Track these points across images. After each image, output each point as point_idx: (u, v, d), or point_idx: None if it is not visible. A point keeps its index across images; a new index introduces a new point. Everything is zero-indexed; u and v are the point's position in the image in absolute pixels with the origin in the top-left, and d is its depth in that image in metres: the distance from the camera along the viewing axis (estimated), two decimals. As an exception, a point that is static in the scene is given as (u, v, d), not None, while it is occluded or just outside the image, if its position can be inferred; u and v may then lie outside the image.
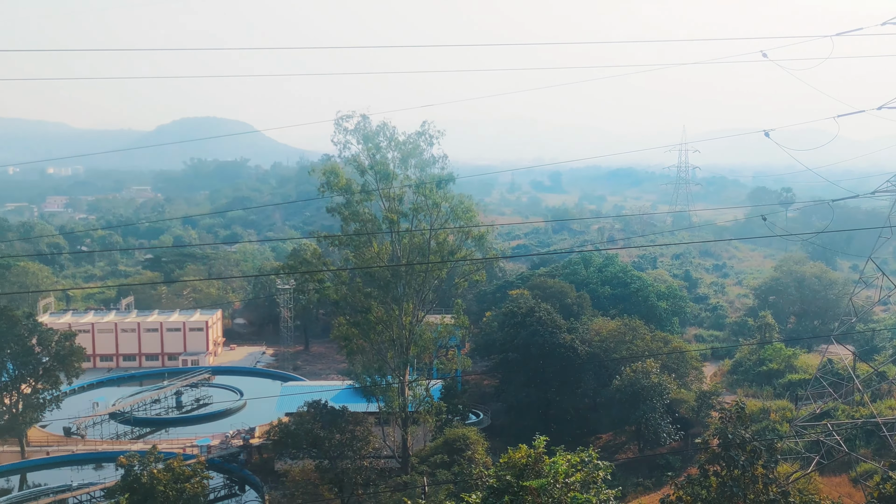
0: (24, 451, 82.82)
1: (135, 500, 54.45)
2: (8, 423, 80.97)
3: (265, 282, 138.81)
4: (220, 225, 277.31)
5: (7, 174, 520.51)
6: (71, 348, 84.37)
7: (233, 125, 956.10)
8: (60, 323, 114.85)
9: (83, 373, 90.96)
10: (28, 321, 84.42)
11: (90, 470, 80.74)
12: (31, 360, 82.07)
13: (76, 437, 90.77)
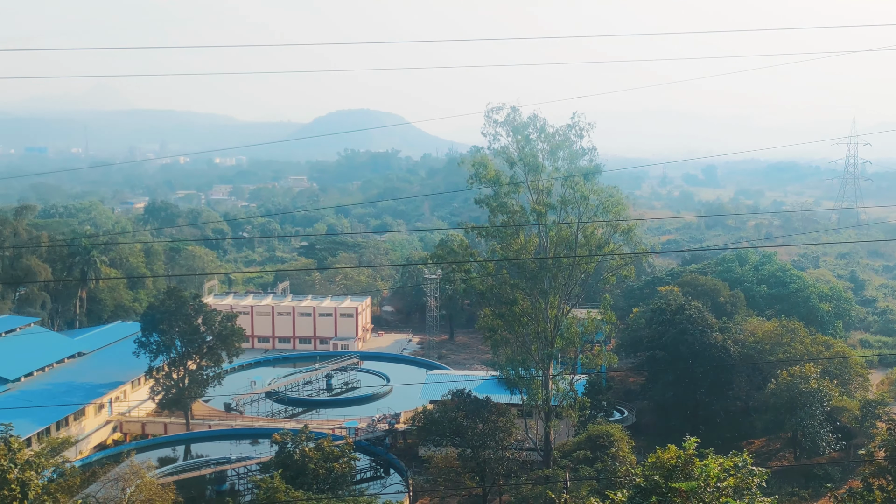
0: (189, 423, 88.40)
1: (287, 475, 56.96)
2: (175, 397, 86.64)
3: (413, 271, 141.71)
4: (371, 214, 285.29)
5: (179, 164, 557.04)
6: (232, 329, 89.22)
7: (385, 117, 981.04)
8: (223, 305, 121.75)
9: (242, 353, 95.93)
10: (195, 302, 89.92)
11: (247, 445, 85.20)
12: (197, 339, 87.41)
13: (235, 412, 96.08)
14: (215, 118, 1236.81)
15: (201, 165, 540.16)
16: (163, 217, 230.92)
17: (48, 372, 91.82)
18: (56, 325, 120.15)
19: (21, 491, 35.92)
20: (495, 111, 66.34)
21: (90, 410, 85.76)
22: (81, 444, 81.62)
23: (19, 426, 43.72)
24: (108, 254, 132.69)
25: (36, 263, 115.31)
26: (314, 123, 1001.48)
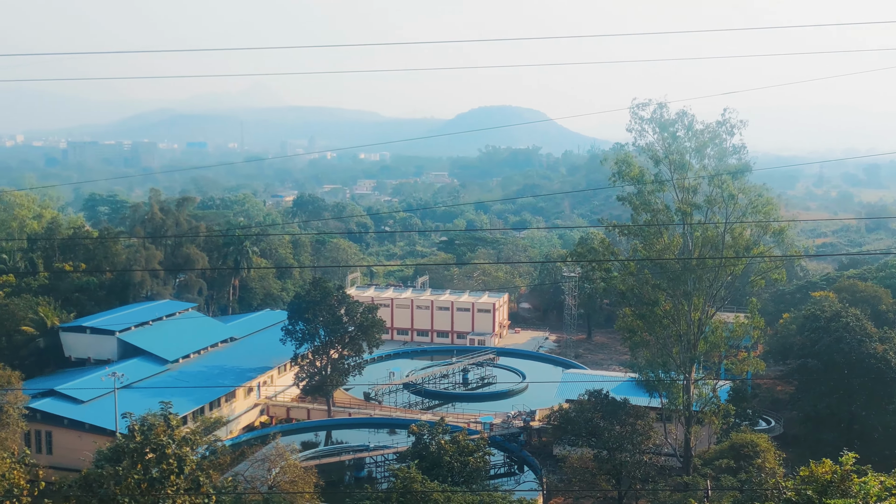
0: (330, 410, 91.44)
1: (423, 466, 57.84)
2: (318, 384, 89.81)
3: (551, 268, 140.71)
4: (511, 211, 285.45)
5: (326, 159, 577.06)
6: (373, 320, 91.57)
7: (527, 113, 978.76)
8: (365, 296, 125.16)
9: (382, 344, 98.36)
10: (338, 293, 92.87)
11: (385, 434, 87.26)
12: (340, 329, 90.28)
13: (374, 402, 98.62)
14: (361, 115, 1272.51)
15: (347, 161, 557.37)
16: (310, 210, 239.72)
17: (203, 355, 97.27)
18: (211, 311, 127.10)
19: (178, 465, 38.22)
20: (641, 107, 64.73)
21: (240, 393, 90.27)
22: (231, 424, 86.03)
23: (177, 405, 46.54)
24: (260, 244, 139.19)
25: (194, 252, 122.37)
26: (456, 120, 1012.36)
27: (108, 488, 36.78)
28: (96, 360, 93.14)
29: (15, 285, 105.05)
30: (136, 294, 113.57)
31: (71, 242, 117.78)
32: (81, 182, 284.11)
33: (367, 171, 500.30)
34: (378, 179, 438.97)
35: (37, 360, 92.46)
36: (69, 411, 75.96)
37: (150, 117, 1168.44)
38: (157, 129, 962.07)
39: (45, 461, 69.17)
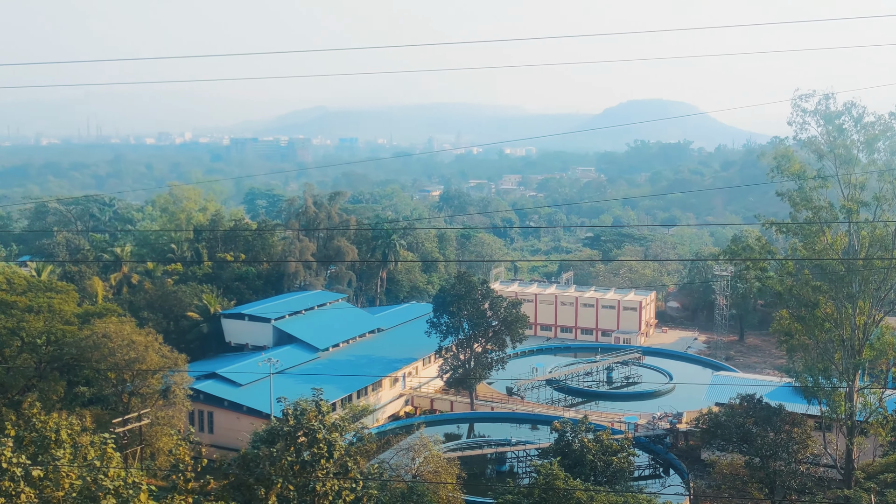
0: (473, 403, 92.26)
1: (566, 463, 57.36)
2: (461, 377, 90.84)
3: (701, 267, 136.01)
4: (659, 207, 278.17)
5: (472, 154, 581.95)
6: (516, 315, 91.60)
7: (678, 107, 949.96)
8: (508, 291, 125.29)
9: (525, 339, 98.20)
10: (482, 287, 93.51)
11: (527, 429, 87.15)
12: (483, 323, 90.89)
13: (516, 397, 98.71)
14: (506, 110, 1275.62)
15: (492, 155, 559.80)
16: (456, 205, 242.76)
17: (351, 344, 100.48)
18: (359, 302, 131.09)
19: (328, 450, 39.67)
20: (804, 98, 61.26)
21: (386, 383, 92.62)
22: (378, 413, 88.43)
23: (327, 392, 48.27)
24: (407, 238, 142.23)
25: (345, 245, 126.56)
26: (604, 114, 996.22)
27: (263, 468, 38.67)
28: (253, 346, 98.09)
29: (182, 273, 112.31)
30: (290, 284, 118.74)
31: (232, 234, 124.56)
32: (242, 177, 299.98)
33: (512, 166, 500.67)
34: (523, 175, 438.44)
35: (200, 345, 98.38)
36: (229, 393, 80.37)
37: (305, 114, 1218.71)
38: (312, 125, 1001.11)
39: (207, 440, 73.55)
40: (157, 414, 66.57)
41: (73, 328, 70.60)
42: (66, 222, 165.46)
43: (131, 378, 66.67)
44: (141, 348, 66.29)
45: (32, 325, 68.73)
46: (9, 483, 31.00)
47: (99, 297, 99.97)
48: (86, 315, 75.17)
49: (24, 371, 69.11)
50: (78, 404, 70.47)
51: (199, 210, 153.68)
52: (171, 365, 68.71)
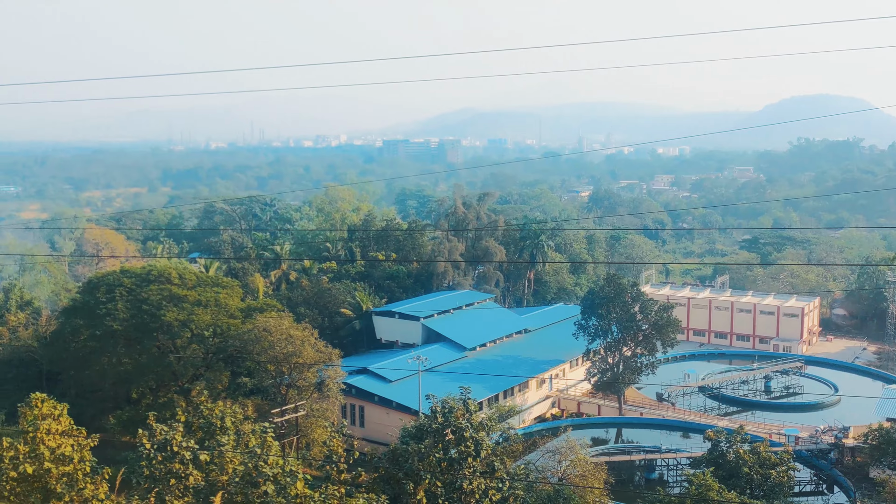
0: (621, 408, 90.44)
1: (719, 474, 55.26)
2: (609, 381, 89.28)
3: (872, 272, 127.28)
4: (825, 208, 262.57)
5: (623, 154, 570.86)
6: (668, 319, 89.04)
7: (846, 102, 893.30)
8: (659, 294, 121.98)
9: (677, 344, 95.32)
10: (632, 290, 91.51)
11: (677, 437, 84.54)
12: (633, 326, 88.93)
13: (667, 403, 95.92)
14: (659, 108, 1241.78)
15: (643, 155, 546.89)
16: (605, 205, 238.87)
17: (498, 344, 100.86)
18: (507, 303, 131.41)
19: (475, 448, 40.01)
20: None
21: (532, 384, 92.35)
22: (524, 414, 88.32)
23: (474, 391, 48.66)
24: (555, 239, 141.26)
25: (493, 245, 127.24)
26: (763, 111, 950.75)
27: (412, 464, 39.45)
28: (403, 344, 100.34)
29: (336, 271, 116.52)
30: (439, 283, 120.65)
31: (384, 234, 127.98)
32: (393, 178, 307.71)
33: (664, 166, 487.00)
34: (676, 175, 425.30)
35: (352, 340, 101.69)
36: (379, 389, 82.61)
37: (455, 116, 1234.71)
38: (462, 127, 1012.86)
39: (358, 433, 75.99)
40: (313, 406, 69.33)
41: (237, 322, 74.75)
42: (232, 221, 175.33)
43: (289, 371, 69.78)
44: (298, 342, 69.26)
45: (201, 318, 73.29)
46: (179, 465, 33.15)
47: (260, 293, 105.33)
48: (248, 310, 79.36)
49: (193, 361, 73.85)
50: (240, 394, 74.55)
51: (353, 210, 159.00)
52: (326, 359, 71.37)
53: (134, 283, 76.82)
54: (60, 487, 27.47)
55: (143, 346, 73.71)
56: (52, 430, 28.92)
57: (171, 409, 54.11)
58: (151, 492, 32.12)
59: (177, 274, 79.68)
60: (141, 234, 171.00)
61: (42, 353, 79.98)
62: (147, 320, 72.93)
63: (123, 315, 72.79)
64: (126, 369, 73.20)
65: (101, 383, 74.18)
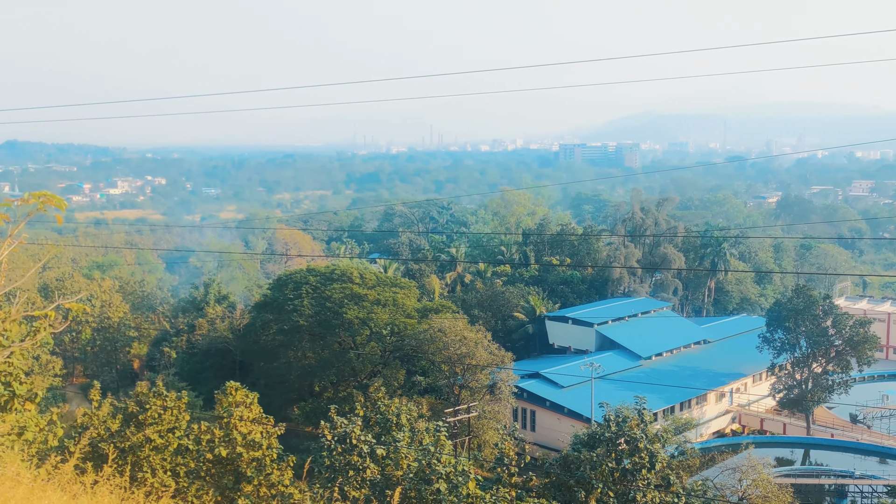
0: (809, 428, 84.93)
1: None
2: (796, 398, 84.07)
3: None
4: None
5: (816, 158, 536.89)
6: (864, 335, 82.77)
7: None
8: (855, 308, 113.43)
9: (875, 362, 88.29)
10: (824, 302, 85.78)
11: (873, 462, 78.24)
12: (824, 341, 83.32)
13: (861, 425, 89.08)
14: (857, 108, 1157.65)
15: (839, 159, 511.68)
16: (795, 212, 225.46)
17: (675, 354, 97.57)
18: (684, 312, 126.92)
19: (649, 460, 38.87)
20: None
21: (711, 397, 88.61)
22: (701, 427, 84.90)
23: (649, 401, 47.30)
24: (738, 247, 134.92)
25: (672, 252, 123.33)
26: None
27: (584, 472, 38.88)
28: (576, 350, 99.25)
29: (510, 275, 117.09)
30: (613, 289, 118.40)
31: (558, 238, 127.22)
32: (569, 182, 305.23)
33: (863, 170, 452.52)
34: (877, 180, 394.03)
35: (525, 344, 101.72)
36: (551, 394, 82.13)
37: (634, 119, 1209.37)
38: (640, 130, 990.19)
39: (529, 437, 75.94)
40: (485, 408, 69.98)
41: (413, 321, 76.78)
42: (410, 224, 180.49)
43: (462, 371, 70.81)
44: (472, 344, 70.16)
45: (379, 317, 75.90)
46: (357, 458, 34.40)
47: (436, 294, 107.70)
48: (424, 310, 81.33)
49: (371, 358, 76.54)
50: (415, 392, 76.47)
51: (528, 214, 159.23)
52: (499, 362, 71.85)
53: (318, 281, 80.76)
54: (250, 471, 29.21)
55: (326, 341, 77.24)
56: (244, 417, 30.81)
57: (351, 403, 56.36)
58: (331, 481, 33.55)
59: (358, 273, 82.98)
60: (325, 234, 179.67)
61: (236, 344, 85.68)
62: (330, 317, 76.44)
63: (308, 311, 76.69)
64: (309, 363, 77.00)
65: (286, 375, 78.43)
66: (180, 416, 32.30)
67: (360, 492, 33.32)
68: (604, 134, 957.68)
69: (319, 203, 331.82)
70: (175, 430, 31.61)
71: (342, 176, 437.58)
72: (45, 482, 10.37)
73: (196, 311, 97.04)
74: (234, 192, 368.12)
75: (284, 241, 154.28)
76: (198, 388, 73.31)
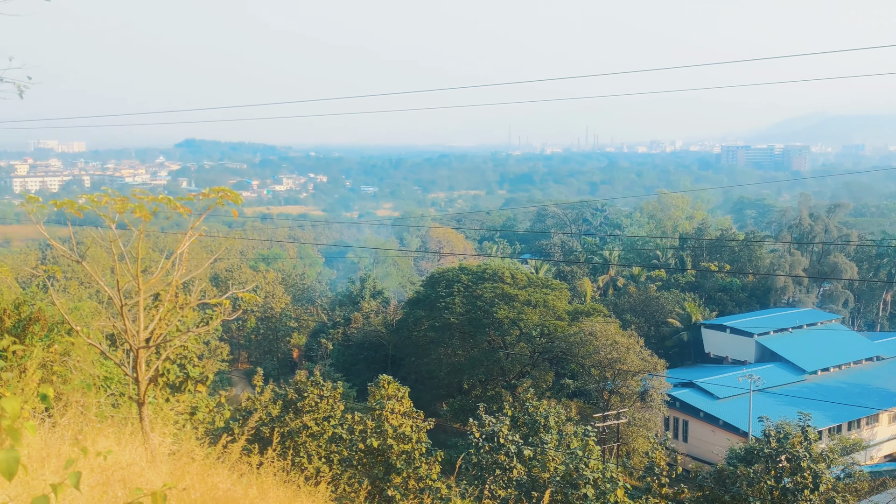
0: None
1: None
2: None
3: None
4: None
5: None
6: None
7: None
8: None
9: None
10: None
11: None
12: None
13: None
14: None
15: None
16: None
17: (843, 370, 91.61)
18: (855, 325, 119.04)
19: (812, 481, 36.70)
20: None
21: (884, 418, 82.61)
22: (871, 450, 79.31)
23: (814, 418, 44.67)
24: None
25: (843, 261, 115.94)
26: None
27: (740, 487, 37.23)
28: (733, 360, 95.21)
29: (665, 280, 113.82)
30: (776, 299, 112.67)
31: (717, 243, 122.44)
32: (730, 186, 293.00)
33: None
34: None
35: (678, 352, 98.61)
36: (705, 405, 79.17)
37: (803, 121, 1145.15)
38: (810, 132, 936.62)
39: (681, 448, 73.53)
40: (635, 415, 68.42)
41: (564, 324, 76.10)
42: (562, 225, 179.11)
43: (612, 376, 69.54)
44: (623, 349, 68.76)
45: (529, 318, 75.75)
46: (504, 458, 34.50)
47: (587, 297, 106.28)
48: (575, 313, 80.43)
49: (520, 358, 76.53)
50: (563, 395, 75.85)
51: (686, 218, 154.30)
52: (651, 368, 70.04)
53: (470, 279, 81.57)
54: (400, 463, 29.92)
55: (476, 340, 77.91)
56: (396, 410, 31.59)
57: (499, 402, 56.60)
58: (477, 479, 33.82)
59: (509, 273, 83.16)
60: (478, 233, 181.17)
61: (388, 338, 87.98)
62: (480, 316, 77.03)
63: (459, 309, 77.62)
64: (459, 360, 77.92)
65: (436, 371, 79.73)
66: (335, 406, 33.54)
67: (506, 491, 33.39)
68: (770, 136, 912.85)
69: (472, 202, 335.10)
70: (330, 418, 32.86)
71: (495, 176, 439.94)
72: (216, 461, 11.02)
73: (352, 304, 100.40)
74: (391, 191, 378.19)
75: (438, 239, 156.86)
76: (351, 379, 75.82)
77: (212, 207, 10.27)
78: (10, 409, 4.44)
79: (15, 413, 4.46)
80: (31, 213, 10.53)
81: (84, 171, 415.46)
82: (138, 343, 10.62)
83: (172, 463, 10.10)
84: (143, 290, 10.58)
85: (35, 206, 10.48)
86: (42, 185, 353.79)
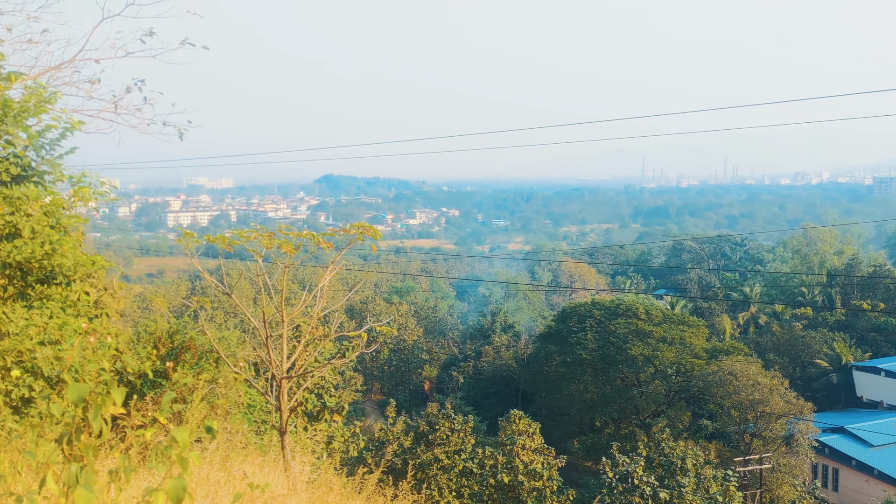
0: None
1: None
2: None
3: None
4: None
5: None
6: None
7: None
8: None
9: None
10: None
11: None
12: None
13: None
14: None
15: None
16: None
17: None
18: None
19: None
20: None
21: None
22: None
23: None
24: None
25: None
26: None
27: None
28: (889, 405, 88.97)
29: (811, 318, 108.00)
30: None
31: (870, 280, 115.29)
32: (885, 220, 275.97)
33: None
34: None
35: (827, 396, 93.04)
36: (858, 452, 74.15)
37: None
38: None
39: (831, 497, 69.18)
40: (779, 460, 64.83)
41: (701, 362, 73.38)
42: (699, 260, 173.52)
43: (754, 419, 66.31)
44: (766, 390, 65.50)
45: (665, 355, 73.53)
46: (639, 500, 33.44)
47: (726, 335, 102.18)
48: (713, 351, 77.45)
49: (655, 397, 74.27)
50: (701, 436, 72.91)
51: (834, 253, 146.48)
52: (797, 412, 66.30)
53: (603, 315, 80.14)
54: (531, 501, 29.53)
55: (608, 376, 76.26)
56: (527, 446, 31.29)
57: (632, 441, 55.03)
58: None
59: (643, 309, 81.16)
60: (610, 268, 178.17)
61: (519, 373, 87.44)
62: (613, 352, 75.41)
63: (592, 345, 76.29)
64: (591, 397, 76.40)
65: (567, 408, 78.43)
66: (466, 439, 33.55)
67: (641, 535, 32.37)
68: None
69: (605, 236, 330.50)
70: (461, 452, 32.89)
71: (629, 209, 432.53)
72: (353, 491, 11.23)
73: (483, 338, 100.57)
74: (522, 224, 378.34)
75: (569, 273, 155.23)
76: (482, 412, 75.70)
77: (352, 242, 10.58)
78: (180, 440, 4.72)
79: (185, 443, 4.75)
80: (186, 247, 11.19)
81: (231, 206, 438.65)
82: (281, 373, 11.02)
83: (311, 492, 10.39)
84: (287, 321, 10.99)
85: (190, 241, 11.13)
86: (193, 219, 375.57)
